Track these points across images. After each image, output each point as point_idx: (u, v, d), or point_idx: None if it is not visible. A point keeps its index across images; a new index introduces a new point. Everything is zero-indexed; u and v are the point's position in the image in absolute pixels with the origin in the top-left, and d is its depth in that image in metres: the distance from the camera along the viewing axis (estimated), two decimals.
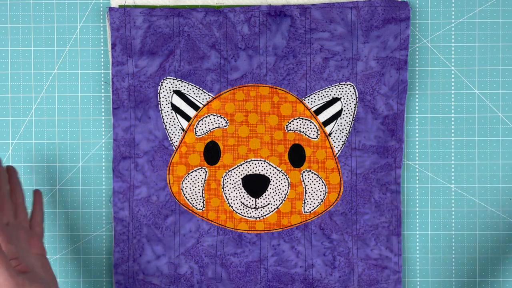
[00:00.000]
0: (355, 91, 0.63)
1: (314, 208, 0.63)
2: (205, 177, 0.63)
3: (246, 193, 0.63)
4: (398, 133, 0.63)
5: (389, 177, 0.63)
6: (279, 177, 0.63)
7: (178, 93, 0.63)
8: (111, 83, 0.63)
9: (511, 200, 0.64)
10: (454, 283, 0.64)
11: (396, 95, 0.63)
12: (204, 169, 0.63)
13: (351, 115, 0.63)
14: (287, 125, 0.63)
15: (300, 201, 0.63)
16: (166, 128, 0.63)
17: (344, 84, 0.63)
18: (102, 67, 0.64)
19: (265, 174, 0.63)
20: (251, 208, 0.63)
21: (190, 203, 0.63)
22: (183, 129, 0.63)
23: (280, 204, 0.63)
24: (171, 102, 0.63)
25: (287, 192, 0.63)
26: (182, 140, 0.63)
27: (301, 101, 0.63)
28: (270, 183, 0.63)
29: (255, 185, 0.63)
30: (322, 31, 0.63)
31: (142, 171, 0.63)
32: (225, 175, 0.63)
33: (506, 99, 0.64)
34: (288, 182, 0.63)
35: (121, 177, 0.63)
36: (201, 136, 0.63)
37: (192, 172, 0.63)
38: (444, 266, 0.64)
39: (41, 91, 0.64)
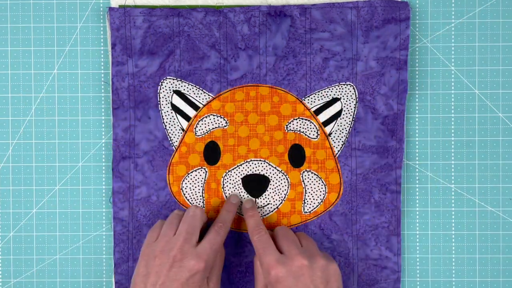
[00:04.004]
0: (355, 91, 0.63)
1: (314, 208, 0.63)
2: (205, 177, 0.63)
3: (246, 193, 0.63)
4: (398, 133, 0.63)
5: (389, 177, 0.63)
6: (279, 177, 0.63)
7: (178, 93, 0.63)
8: (111, 83, 0.63)
9: (511, 200, 0.64)
10: (454, 283, 0.64)
11: (396, 95, 0.63)
12: (204, 169, 0.63)
13: (351, 115, 0.63)
14: (287, 125, 0.63)
15: (300, 201, 0.63)
16: (166, 128, 0.63)
17: (344, 84, 0.63)
18: (102, 67, 0.64)
19: (265, 174, 0.63)
20: None
21: (190, 203, 0.63)
22: (183, 129, 0.63)
23: (280, 204, 0.63)
24: (171, 102, 0.63)
25: (287, 192, 0.63)
26: (182, 140, 0.63)
27: (301, 101, 0.63)
28: (270, 183, 0.63)
29: (255, 185, 0.63)
30: (322, 31, 0.62)
31: (142, 171, 0.63)
32: (225, 175, 0.63)
33: (506, 99, 0.64)
34: (288, 182, 0.63)
35: (121, 177, 0.63)
36: (201, 136, 0.63)
37: (192, 172, 0.63)
38: (444, 266, 0.64)
39: (41, 91, 0.64)
